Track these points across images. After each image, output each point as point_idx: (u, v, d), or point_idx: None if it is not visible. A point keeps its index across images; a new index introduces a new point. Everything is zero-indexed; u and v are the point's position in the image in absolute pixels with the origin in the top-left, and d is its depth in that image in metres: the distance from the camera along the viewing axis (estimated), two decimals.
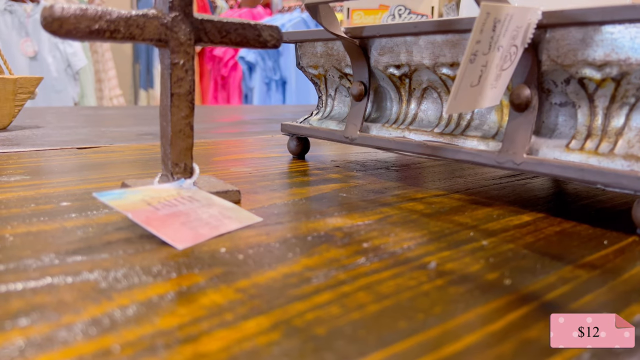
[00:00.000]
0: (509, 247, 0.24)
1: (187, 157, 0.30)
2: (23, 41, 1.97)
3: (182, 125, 0.29)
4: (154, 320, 0.16)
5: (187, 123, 0.29)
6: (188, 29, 0.29)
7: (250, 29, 0.31)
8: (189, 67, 0.29)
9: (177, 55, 0.28)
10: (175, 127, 0.29)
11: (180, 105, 0.29)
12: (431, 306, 0.17)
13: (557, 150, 0.30)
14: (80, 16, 0.25)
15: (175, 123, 0.29)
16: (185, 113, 0.29)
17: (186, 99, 0.29)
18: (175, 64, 0.28)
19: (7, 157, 0.47)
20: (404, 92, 0.41)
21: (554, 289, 0.19)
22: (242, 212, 0.27)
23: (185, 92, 0.29)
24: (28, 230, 0.24)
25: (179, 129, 0.29)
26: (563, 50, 0.29)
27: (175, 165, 0.30)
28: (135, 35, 0.27)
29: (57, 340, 0.14)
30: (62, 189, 0.33)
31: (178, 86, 0.29)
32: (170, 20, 0.28)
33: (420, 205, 0.31)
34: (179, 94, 0.29)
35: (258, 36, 0.31)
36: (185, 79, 0.29)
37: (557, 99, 0.31)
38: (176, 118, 0.29)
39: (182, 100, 0.29)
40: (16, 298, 0.17)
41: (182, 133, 0.29)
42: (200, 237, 0.23)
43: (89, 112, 1.22)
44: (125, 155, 0.51)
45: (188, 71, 0.29)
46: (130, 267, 0.20)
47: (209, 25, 0.30)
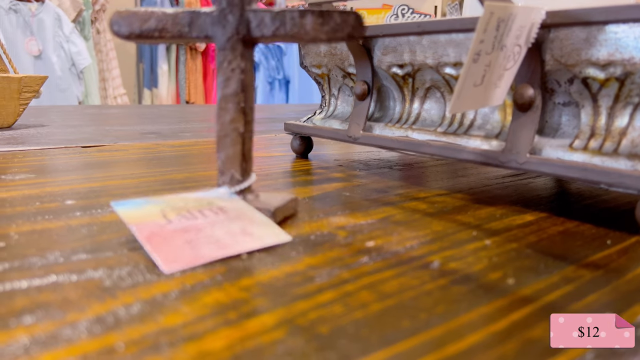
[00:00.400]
0: (512, 246, 0.24)
1: (234, 166, 0.26)
2: (28, 40, 1.98)
3: (227, 130, 0.26)
4: (158, 318, 0.16)
5: (234, 128, 0.26)
6: (235, 22, 0.25)
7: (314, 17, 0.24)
8: (236, 65, 0.26)
9: (223, 53, 0.26)
10: (220, 132, 0.26)
11: (227, 108, 0.26)
12: (434, 305, 0.17)
13: (560, 150, 0.30)
14: (132, 17, 0.25)
15: (220, 127, 0.26)
16: (231, 116, 0.26)
17: (233, 100, 0.26)
18: (222, 62, 0.26)
19: (12, 155, 0.47)
20: (407, 92, 0.41)
21: (557, 288, 0.19)
22: (271, 228, 0.24)
23: (232, 93, 0.26)
24: (33, 229, 0.25)
25: (224, 134, 0.26)
26: (567, 49, 0.29)
27: (221, 174, 0.27)
28: (183, 33, 0.25)
29: (61, 338, 0.15)
30: (67, 188, 0.34)
31: (225, 86, 0.26)
32: (217, 14, 0.25)
33: (423, 205, 0.31)
34: (226, 96, 0.26)
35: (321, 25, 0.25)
36: (233, 79, 0.26)
37: (561, 99, 0.31)
38: (222, 122, 0.26)
39: (228, 102, 0.26)
40: (21, 296, 0.17)
41: (228, 139, 0.26)
42: (198, 259, 0.21)
43: (93, 111, 1.22)
44: (129, 154, 0.51)
45: (235, 70, 0.26)
46: (134, 266, 0.20)
47: (261, 17, 0.25)
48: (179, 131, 0.75)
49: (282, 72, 2.59)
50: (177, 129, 0.78)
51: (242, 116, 0.26)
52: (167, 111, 1.29)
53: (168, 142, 0.61)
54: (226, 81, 0.26)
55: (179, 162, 0.46)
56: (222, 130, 0.26)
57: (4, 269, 0.19)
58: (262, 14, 0.25)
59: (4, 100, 0.68)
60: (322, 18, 0.23)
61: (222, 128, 0.26)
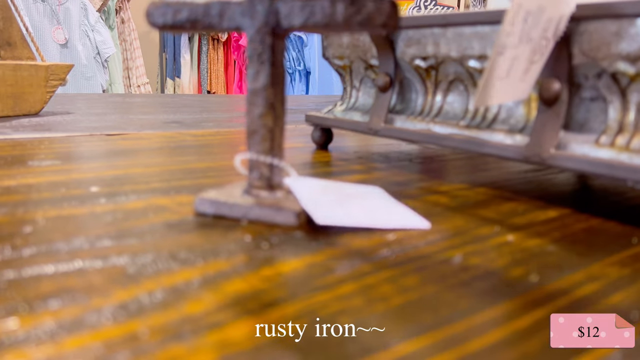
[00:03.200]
0: (535, 242, 0.23)
1: (264, 164, 0.26)
2: (54, 29, 2.01)
3: (256, 125, 0.25)
4: (181, 306, 0.16)
5: (263, 124, 0.25)
6: (264, 13, 0.24)
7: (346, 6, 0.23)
8: (266, 58, 0.25)
9: (253, 45, 0.25)
10: (249, 127, 0.25)
11: (256, 102, 0.25)
12: (456, 301, 0.17)
13: (586, 146, 0.29)
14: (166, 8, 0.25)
15: (249, 122, 0.25)
16: (260, 111, 0.25)
17: (262, 95, 0.25)
18: (252, 55, 0.25)
19: (39, 142, 0.48)
20: (430, 84, 0.41)
21: (582, 286, 0.19)
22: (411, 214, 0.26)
23: (262, 87, 0.25)
24: (59, 214, 0.25)
25: (253, 130, 0.25)
26: (596, 43, 0.28)
27: (250, 171, 0.26)
28: (213, 24, 0.25)
29: (86, 324, 0.15)
30: (92, 175, 0.34)
31: (254, 80, 0.25)
32: (246, 4, 0.24)
33: (444, 198, 0.31)
34: (255, 90, 0.25)
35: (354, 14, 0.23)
36: (262, 72, 0.25)
37: (588, 94, 0.31)
38: (251, 117, 0.25)
39: (257, 97, 0.25)
40: (47, 280, 0.18)
41: (256, 135, 0.25)
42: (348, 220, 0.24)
43: (117, 100, 1.24)
44: (152, 142, 0.51)
45: (265, 63, 0.25)
46: (157, 253, 0.20)
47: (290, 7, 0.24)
48: (201, 121, 0.76)
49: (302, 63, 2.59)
50: (199, 119, 0.79)
51: (272, 111, 0.25)
52: (189, 101, 1.30)
53: (190, 132, 0.61)
54: (255, 74, 0.25)
55: (201, 151, 0.46)
56: (251, 125, 0.25)
57: (32, 253, 0.20)
58: (292, 4, 0.24)
59: (32, 87, 0.69)
60: (354, 7, 0.22)
61: (251, 123, 0.25)
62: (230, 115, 0.89)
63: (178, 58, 2.61)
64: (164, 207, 0.27)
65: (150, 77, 2.47)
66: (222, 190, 0.27)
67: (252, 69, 0.25)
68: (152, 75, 2.56)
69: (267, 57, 0.25)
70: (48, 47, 1.97)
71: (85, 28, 2.08)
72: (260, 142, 0.26)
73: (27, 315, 0.15)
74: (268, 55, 0.25)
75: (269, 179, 0.26)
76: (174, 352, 0.14)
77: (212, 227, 0.24)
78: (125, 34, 2.32)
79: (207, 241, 0.22)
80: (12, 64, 0.66)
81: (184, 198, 0.29)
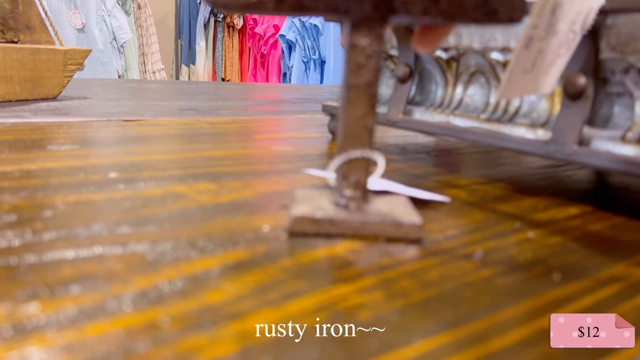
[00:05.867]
0: (557, 240, 0.23)
1: (361, 170, 0.22)
2: (72, 13, 2.01)
3: (356, 127, 0.22)
4: (201, 295, 0.16)
5: (364, 125, 0.22)
6: None
7: None
8: (373, 50, 0.21)
9: (359, 34, 0.21)
10: (347, 129, 0.22)
11: (357, 101, 0.22)
12: (477, 297, 0.17)
13: (610, 142, 0.29)
14: None
15: (348, 123, 0.22)
16: (362, 111, 0.22)
17: (366, 93, 0.22)
18: (355, 46, 0.21)
19: (57, 126, 0.48)
20: (451, 76, 0.40)
21: (605, 286, 0.18)
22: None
23: (366, 83, 0.21)
24: (78, 200, 0.25)
25: (352, 132, 0.22)
26: (624, 37, 0.28)
27: (343, 178, 0.23)
28: (306, 6, 0.20)
29: (106, 311, 0.15)
30: (110, 160, 0.34)
31: (356, 75, 0.21)
32: None
33: (463, 193, 0.31)
34: (357, 86, 0.21)
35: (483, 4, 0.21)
36: (367, 67, 0.21)
37: (614, 89, 0.30)
38: (350, 117, 0.22)
39: (359, 95, 0.22)
40: (67, 266, 0.18)
41: (355, 138, 0.22)
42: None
43: (134, 85, 1.24)
44: (169, 129, 0.51)
45: (372, 57, 0.21)
46: (176, 241, 0.20)
47: None
48: (216, 108, 0.76)
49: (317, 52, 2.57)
50: (215, 106, 0.79)
51: (373, 111, 0.22)
52: (204, 88, 1.30)
53: (206, 119, 0.61)
54: (358, 69, 0.21)
55: (218, 139, 0.46)
56: (349, 127, 0.22)
57: (52, 238, 0.20)
58: None
59: (50, 71, 0.69)
60: None
61: (349, 125, 0.22)
62: (246, 103, 0.89)
63: (193, 45, 2.60)
64: (182, 195, 0.27)
65: (165, 64, 2.47)
66: (305, 204, 0.23)
67: (354, 63, 0.21)
68: (167, 61, 2.57)
69: (375, 50, 0.21)
70: (65, 32, 1.98)
71: (102, 13, 2.09)
72: (359, 145, 0.22)
73: (49, 300, 0.15)
74: (376, 48, 0.21)
75: (364, 187, 0.23)
76: (194, 341, 0.14)
77: (231, 215, 0.24)
78: (141, 19, 2.32)
79: (225, 230, 0.22)
80: (31, 47, 0.66)
81: (201, 186, 0.29)
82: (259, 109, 0.79)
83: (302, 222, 0.22)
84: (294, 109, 0.83)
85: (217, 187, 0.29)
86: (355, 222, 0.22)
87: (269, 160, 0.38)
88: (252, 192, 0.28)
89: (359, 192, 0.23)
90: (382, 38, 0.21)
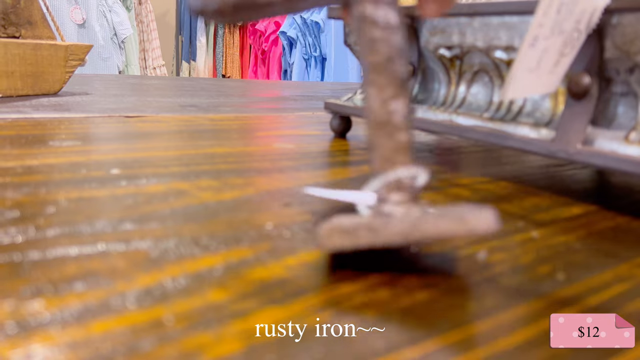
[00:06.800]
0: (561, 240, 0.23)
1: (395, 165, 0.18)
2: (72, 9, 2.01)
3: (384, 113, 0.18)
4: (205, 293, 0.16)
5: (394, 110, 0.18)
6: None
7: None
8: (388, 20, 0.18)
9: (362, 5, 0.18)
10: (375, 117, 0.18)
11: (380, 82, 0.18)
12: (482, 297, 0.17)
13: (614, 142, 0.29)
14: None
15: (375, 110, 0.18)
16: (389, 93, 0.18)
17: (389, 70, 0.18)
18: (364, 17, 0.18)
19: (58, 122, 0.48)
20: (454, 75, 0.40)
21: (610, 287, 0.18)
22: None
23: (385, 59, 0.18)
24: (80, 196, 0.25)
25: (379, 120, 0.18)
26: (630, 37, 0.28)
27: (374, 177, 0.19)
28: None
29: (111, 308, 0.15)
30: (112, 156, 0.34)
31: (371, 52, 0.18)
32: None
33: (466, 192, 0.31)
34: (375, 65, 0.18)
35: None
36: (383, 41, 0.18)
37: (618, 89, 0.30)
38: (376, 102, 0.18)
39: (380, 74, 0.18)
40: (71, 263, 0.18)
41: (385, 127, 0.18)
42: None
43: (134, 81, 1.24)
44: (170, 125, 0.51)
45: (386, 29, 0.18)
46: (179, 238, 0.20)
47: None
48: (218, 105, 0.76)
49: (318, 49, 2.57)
50: (216, 103, 0.79)
51: (403, 91, 0.18)
52: (205, 84, 1.30)
53: (208, 116, 0.61)
54: (371, 44, 0.18)
55: (220, 136, 0.46)
56: (376, 114, 0.18)
57: (55, 234, 0.20)
58: None
59: (51, 67, 0.69)
60: None
61: (376, 112, 0.18)
62: (247, 100, 0.89)
63: (194, 41, 2.60)
64: (185, 192, 0.27)
65: (165, 60, 2.47)
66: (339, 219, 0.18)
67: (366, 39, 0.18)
68: (167, 57, 2.56)
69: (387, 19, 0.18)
70: (66, 27, 1.98)
71: (103, 8, 2.08)
72: (391, 136, 0.18)
73: (53, 297, 0.15)
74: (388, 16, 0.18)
75: (412, 187, 0.18)
76: (199, 340, 0.14)
77: (234, 212, 0.24)
78: (142, 15, 2.32)
79: (228, 227, 0.22)
80: (32, 43, 0.66)
81: (204, 183, 0.29)
82: (260, 106, 0.79)
83: (335, 235, 0.17)
84: (295, 106, 0.83)
85: (219, 184, 0.29)
86: (404, 224, 0.17)
87: (271, 157, 0.38)
88: (254, 189, 0.28)
89: (404, 195, 0.18)
90: (394, 3, 0.18)
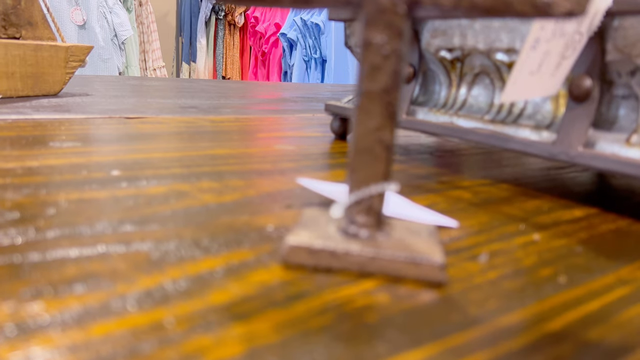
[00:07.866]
0: (562, 242, 0.23)
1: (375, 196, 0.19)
2: (73, 10, 2.01)
3: (369, 140, 0.19)
4: (206, 295, 0.16)
5: (378, 138, 0.18)
6: None
7: None
8: (392, 49, 0.18)
9: (374, 29, 0.18)
10: (359, 142, 0.19)
11: (371, 110, 0.18)
12: (484, 300, 0.17)
13: (616, 145, 0.29)
14: None
15: (360, 136, 0.19)
16: (377, 123, 0.18)
17: (382, 100, 0.18)
18: (370, 44, 0.18)
19: (59, 123, 0.48)
20: (455, 77, 0.40)
21: (613, 290, 0.18)
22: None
23: (381, 89, 0.18)
24: (81, 197, 0.25)
25: (364, 146, 0.19)
26: (631, 39, 0.28)
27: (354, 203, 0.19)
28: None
29: (111, 310, 0.15)
30: (112, 158, 0.34)
31: (371, 79, 0.18)
32: None
33: (467, 194, 0.31)
34: (371, 92, 0.18)
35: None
36: (384, 69, 0.18)
37: (620, 91, 0.30)
38: (363, 129, 0.18)
39: (374, 102, 0.18)
40: (71, 264, 0.18)
41: (368, 154, 0.19)
42: None
43: (135, 82, 1.24)
44: (171, 127, 0.51)
45: (390, 57, 0.18)
46: (180, 240, 0.20)
47: None
48: (218, 106, 0.76)
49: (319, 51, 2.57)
50: (216, 104, 0.79)
51: (391, 122, 0.18)
52: (205, 86, 1.30)
53: (208, 117, 0.61)
54: (373, 71, 0.18)
55: (220, 137, 0.46)
56: (361, 140, 0.19)
57: (55, 236, 0.20)
58: None
59: (52, 68, 0.69)
60: None
61: (362, 138, 0.19)
62: (247, 101, 0.89)
63: (194, 42, 2.60)
64: (186, 193, 0.27)
65: (166, 61, 2.47)
66: (307, 230, 0.20)
67: (368, 64, 0.18)
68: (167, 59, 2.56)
69: (394, 48, 0.18)
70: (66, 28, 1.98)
71: (103, 10, 2.08)
72: (371, 162, 0.19)
73: (53, 299, 0.15)
74: (395, 46, 0.18)
75: (379, 213, 0.19)
76: (200, 342, 0.13)
77: (235, 214, 0.24)
78: (142, 16, 2.32)
79: (229, 229, 0.22)
80: (32, 44, 0.66)
81: (204, 184, 0.29)
82: (260, 108, 0.79)
83: (298, 253, 0.19)
84: (295, 107, 0.83)
85: (220, 185, 0.29)
86: (362, 257, 0.18)
87: (272, 159, 0.38)
88: (255, 191, 0.28)
89: (371, 219, 0.19)
90: (403, 35, 0.18)
